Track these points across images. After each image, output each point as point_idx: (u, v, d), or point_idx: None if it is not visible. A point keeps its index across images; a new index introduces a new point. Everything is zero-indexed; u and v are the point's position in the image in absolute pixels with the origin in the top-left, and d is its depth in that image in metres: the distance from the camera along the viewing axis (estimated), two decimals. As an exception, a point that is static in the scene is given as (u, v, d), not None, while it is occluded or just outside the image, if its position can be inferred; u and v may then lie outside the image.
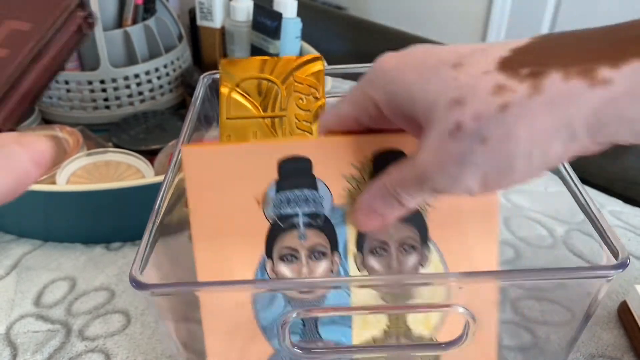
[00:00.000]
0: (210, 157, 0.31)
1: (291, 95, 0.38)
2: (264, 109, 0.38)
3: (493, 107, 0.22)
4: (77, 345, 0.43)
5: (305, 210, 0.32)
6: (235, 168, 0.31)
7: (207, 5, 0.72)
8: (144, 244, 0.30)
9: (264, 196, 0.32)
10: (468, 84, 0.23)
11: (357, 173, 0.32)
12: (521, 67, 0.22)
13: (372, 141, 0.30)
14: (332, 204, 0.32)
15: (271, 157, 0.31)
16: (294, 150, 0.31)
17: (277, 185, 0.32)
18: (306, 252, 0.33)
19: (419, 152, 0.25)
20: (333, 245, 0.33)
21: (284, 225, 0.32)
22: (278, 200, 0.32)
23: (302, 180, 0.32)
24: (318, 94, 0.37)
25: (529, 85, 0.22)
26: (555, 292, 0.36)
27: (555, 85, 0.21)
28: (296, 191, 0.32)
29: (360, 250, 0.33)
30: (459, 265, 0.33)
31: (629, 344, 0.42)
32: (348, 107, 0.29)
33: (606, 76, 0.21)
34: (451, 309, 0.29)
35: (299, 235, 0.33)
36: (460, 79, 0.23)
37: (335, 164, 0.32)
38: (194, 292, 0.30)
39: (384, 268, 0.33)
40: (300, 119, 0.36)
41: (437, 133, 0.24)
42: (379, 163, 0.31)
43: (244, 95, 0.38)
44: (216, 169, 0.31)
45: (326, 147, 0.31)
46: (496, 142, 0.22)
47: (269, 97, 0.38)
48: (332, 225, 0.33)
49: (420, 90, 0.24)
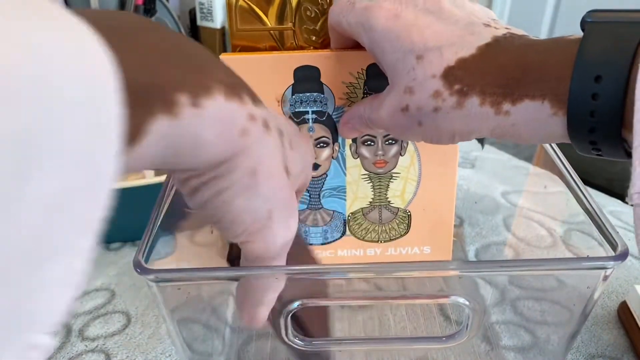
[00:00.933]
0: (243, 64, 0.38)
1: (300, 6, 0.40)
2: (271, 19, 0.40)
3: (430, 107, 0.29)
4: (77, 345, 0.43)
5: (314, 109, 0.41)
6: (261, 73, 0.39)
7: (207, 5, 0.72)
8: (149, 231, 0.31)
9: (282, 97, 0.40)
10: (419, 80, 0.29)
11: (354, 80, 0.40)
12: (455, 82, 0.28)
13: (366, 55, 0.37)
14: (335, 104, 0.41)
15: (289, 65, 0.39)
16: (306, 60, 0.39)
17: (293, 89, 0.40)
18: (313, 142, 0.42)
19: (382, 104, 0.32)
20: (334, 137, 0.42)
21: (297, 120, 0.41)
22: (293, 100, 0.40)
23: (312, 85, 0.40)
24: (326, 5, 0.39)
25: (456, 100, 0.28)
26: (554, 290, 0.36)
27: (473, 106, 0.28)
28: (307, 94, 0.40)
29: (354, 141, 0.42)
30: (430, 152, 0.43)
31: (629, 344, 0.42)
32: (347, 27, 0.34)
33: (507, 109, 0.27)
34: (450, 300, 0.29)
35: (309, 128, 0.41)
36: (417, 72, 0.29)
37: (338, 72, 0.39)
38: (196, 279, 0.31)
39: (372, 155, 0.43)
40: (307, 34, 0.40)
41: (394, 101, 0.31)
42: (370, 72, 0.40)
43: (250, 5, 0.40)
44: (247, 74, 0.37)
45: (331, 59, 0.39)
46: (428, 128, 0.30)
47: (275, 5, 0.40)
48: (334, 121, 0.41)
49: (389, 63, 0.31)
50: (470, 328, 0.30)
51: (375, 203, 0.45)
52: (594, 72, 0.24)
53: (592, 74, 0.24)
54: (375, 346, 0.36)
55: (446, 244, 0.48)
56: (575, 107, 0.25)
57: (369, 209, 0.45)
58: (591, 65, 0.24)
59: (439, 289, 0.31)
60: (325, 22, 0.40)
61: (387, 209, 0.46)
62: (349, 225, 0.46)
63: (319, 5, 0.40)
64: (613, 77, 0.23)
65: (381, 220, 0.46)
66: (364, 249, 0.47)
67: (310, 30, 0.40)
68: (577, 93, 0.25)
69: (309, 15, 0.40)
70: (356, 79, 0.40)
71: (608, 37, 0.24)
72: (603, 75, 0.24)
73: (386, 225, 0.46)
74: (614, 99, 0.23)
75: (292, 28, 0.40)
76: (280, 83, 0.40)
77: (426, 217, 0.46)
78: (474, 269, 0.29)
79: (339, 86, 0.40)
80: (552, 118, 0.26)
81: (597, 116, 0.24)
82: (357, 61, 0.39)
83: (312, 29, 0.40)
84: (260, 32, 0.40)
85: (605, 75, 0.24)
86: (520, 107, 0.27)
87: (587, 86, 0.24)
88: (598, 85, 0.24)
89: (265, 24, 0.40)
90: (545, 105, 0.26)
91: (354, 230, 0.46)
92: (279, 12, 0.40)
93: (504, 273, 0.33)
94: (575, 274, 0.31)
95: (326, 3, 0.40)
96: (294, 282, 0.29)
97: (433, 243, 0.48)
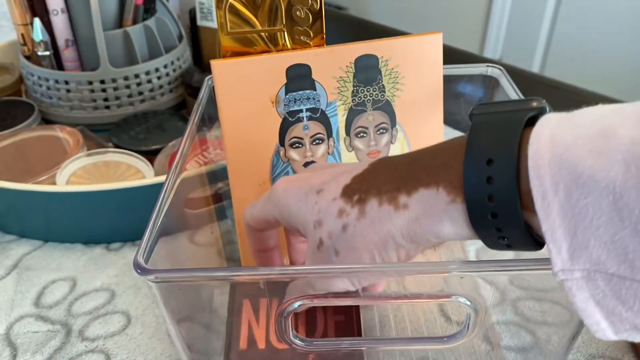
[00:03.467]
0: (235, 67, 0.39)
1: (291, 7, 0.40)
2: (261, 21, 0.40)
3: (338, 227, 0.29)
4: (77, 345, 0.43)
5: (307, 106, 0.41)
6: (253, 76, 0.40)
7: (207, 5, 0.72)
8: (149, 231, 0.31)
9: (276, 97, 0.41)
10: (323, 208, 0.29)
11: (344, 74, 0.41)
12: (354, 194, 0.29)
13: (354, 48, 0.39)
14: (327, 100, 0.42)
15: (280, 66, 0.40)
16: (297, 59, 0.40)
17: (286, 88, 0.40)
18: (309, 139, 0.43)
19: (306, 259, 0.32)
20: (329, 133, 0.43)
21: (292, 119, 0.42)
22: (287, 100, 0.41)
23: (304, 82, 0.41)
24: (316, 5, 0.40)
25: (358, 209, 0.28)
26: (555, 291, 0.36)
27: (373, 210, 0.28)
28: (300, 92, 0.41)
29: (348, 134, 0.43)
30: (418, 138, 0.45)
31: (629, 344, 0.42)
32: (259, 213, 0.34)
33: (404, 202, 0.27)
34: (452, 300, 0.29)
35: (304, 126, 0.42)
36: (320, 204, 0.30)
37: (328, 68, 0.41)
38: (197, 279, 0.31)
39: (365, 146, 0.44)
40: (298, 34, 0.40)
41: (311, 245, 0.30)
42: (359, 64, 0.41)
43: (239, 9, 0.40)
44: (239, 78, 0.40)
45: (321, 56, 0.40)
46: (344, 253, 0.29)
47: (264, 7, 0.40)
48: (327, 117, 0.42)
49: (297, 213, 0.31)
50: (471, 328, 0.30)
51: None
52: (485, 156, 0.24)
53: (484, 158, 0.24)
54: (375, 346, 0.36)
55: None
56: (472, 192, 0.24)
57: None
58: (482, 150, 0.24)
59: (440, 289, 0.31)
60: (315, 21, 0.40)
61: None
62: None
63: (310, 5, 0.40)
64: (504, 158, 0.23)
65: None
66: None
67: (302, 30, 0.40)
68: (471, 177, 0.24)
69: (299, 16, 0.40)
70: (346, 73, 0.41)
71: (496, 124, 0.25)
72: (494, 158, 0.24)
73: None
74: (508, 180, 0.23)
75: (282, 29, 0.40)
76: (273, 84, 0.40)
77: None
78: (475, 268, 0.29)
79: (330, 82, 0.41)
80: (452, 206, 0.25)
81: (496, 200, 0.24)
82: (346, 55, 0.41)
83: (303, 30, 0.40)
84: (250, 35, 0.40)
85: (497, 158, 0.24)
86: (416, 197, 0.26)
87: (481, 170, 0.24)
88: (490, 168, 0.24)
89: (255, 27, 0.40)
90: (440, 193, 0.26)
91: None
92: (269, 14, 0.40)
93: (505, 273, 0.33)
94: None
95: (316, 3, 0.40)
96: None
97: None
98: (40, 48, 0.65)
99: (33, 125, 0.65)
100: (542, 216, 0.22)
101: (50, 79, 0.66)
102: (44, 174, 0.55)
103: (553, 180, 0.21)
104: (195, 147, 0.51)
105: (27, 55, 0.68)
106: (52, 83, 0.66)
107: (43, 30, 0.65)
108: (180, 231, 0.38)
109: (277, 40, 0.40)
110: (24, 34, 0.67)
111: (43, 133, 0.63)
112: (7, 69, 0.74)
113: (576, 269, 0.22)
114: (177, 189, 0.36)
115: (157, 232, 0.32)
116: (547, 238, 0.22)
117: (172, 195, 0.35)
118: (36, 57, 0.66)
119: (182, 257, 0.40)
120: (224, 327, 0.38)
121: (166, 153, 0.59)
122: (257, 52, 0.41)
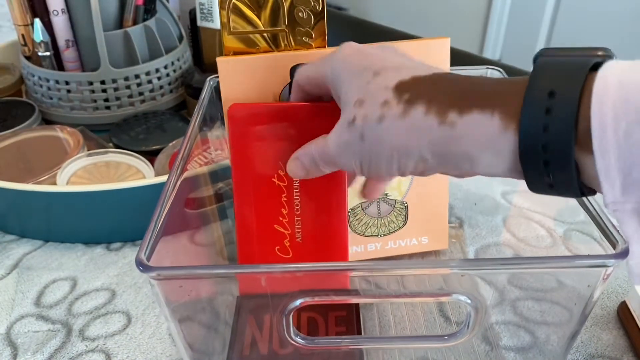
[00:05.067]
0: (239, 65, 0.40)
1: (293, 8, 0.40)
2: (264, 21, 0.41)
3: (376, 115, 0.28)
4: (78, 345, 0.44)
5: None
6: (257, 74, 0.40)
7: (207, 5, 0.72)
8: (151, 230, 0.31)
9: (280, 96, 0.41)
10: (372, 91, 0.29)
11: None
12: (406, 92, 0.28)
13: None
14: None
15: (284, 64, 0.40)
16: (301, 59, 0.40)
17: (289, 86, 0.40)
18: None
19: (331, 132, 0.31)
20: None
21: None
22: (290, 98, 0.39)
23: None
24: (318, 6, 0.40)
25: (402, 108, 0.28)
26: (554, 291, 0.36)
27: (417, 115, 0.27)
28: None
29: None
30: None
31: (628, 344, 0.43)
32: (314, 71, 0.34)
33: (453, 119, 0.26)
34: (452, 298, 0.29)
35: None
36: (371, 86, 0.29)
37: None
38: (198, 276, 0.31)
39: None
40: (300, 35, 0.41)
41: (343, 120, 0.30)
42: None
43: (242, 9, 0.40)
44: (243, 75, 0.40)
45: (322, 55, 0.38)
46: (368, 142, 0.29)
47: (267, 8, 0.40)
48: None
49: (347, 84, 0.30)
50: (471, 327, 0.30)
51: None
52: (548, 88, 0.24)
53: (546, 89, 0.24)
54: (375, 345, 0.36)
55: (442, 232, 0.49)
56: (528, 121, 0.24)
57: (368, 203, 0.47)
58: (545, 82, 0.24)
59: (439, 288, 0.31)
60: (317, 22, 0.40)
61: (385, 201, 0.47)
62: (349, 221, 0.46)
63: (312, 6, 0.40)
64: (567, 91, 0.23)
65: (380, 213, 0.47)
66: (364, 244, 0.48)
67: (304, 31, 0.40)
68: (530, 106, 0.24)
69: (301, 17, 0.40)
70: None
71: (562, 62, 0.25)
72: (557, 91, 0.24)
73: (385, 218, 0.47)
74: (568, 113, 0.23)
75: (285, 30, 0.40)
76: (277, 82, 0.40)
77: (422, 206, 0.47)
78: (475, 266, 0.30)
79: None
80: (502, 135, 0.25)
81: (551, 132, 0.24)
82: None
83: (305, 31, 0.40)
84: (252, 35, 0.40)
85: (559, 90, 0.24)
86: (467, 118, 0.26)
87: (541, 100, 0.24)
88: (551, 100, 0.24)
89: (258, 27, 0.40)
90: (494, 119, 0.25)
91: (354, 226, 0.47)
92: (271, 15, 0.40)
93: (505, 271, 0.33)
94: (576, 273, 0.31)
95: (319, 4, 0.40)
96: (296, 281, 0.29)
97: (430, 232, 0.49)
98: (41, 48, 0.65)
99: (33, 125, 0.65)
100: (598, 154, 0.23)
101: (50, 79, 0.66)
102: (44, 174, 0.55)
103: (615, 119, 0.22)
104: (196, 147, 0.51)
105: (28, 56, 0.68)
106: (52, 83, 0.66)
107: (43, 31, 0.65)
108: (180, 231, 0.38)
109: (279, 41, 0.41)
110: (24, 34, 0.67)
111: (43, 133, 0.63)
112: (8, 70, 0.74)
113: (627, 201, 0.23)
114: (178, 188, 0.36)
115: (159, 231, 0.32)
116: (601, 175, 0.23)
117: (173, 195, 0.35)
118: (37, 57, 0.66)
119: (183, 257, 0.40)
120: (225, 327, 0.38)
121: (166, 153, 0.60)
122: (259, 52, 0.41)
